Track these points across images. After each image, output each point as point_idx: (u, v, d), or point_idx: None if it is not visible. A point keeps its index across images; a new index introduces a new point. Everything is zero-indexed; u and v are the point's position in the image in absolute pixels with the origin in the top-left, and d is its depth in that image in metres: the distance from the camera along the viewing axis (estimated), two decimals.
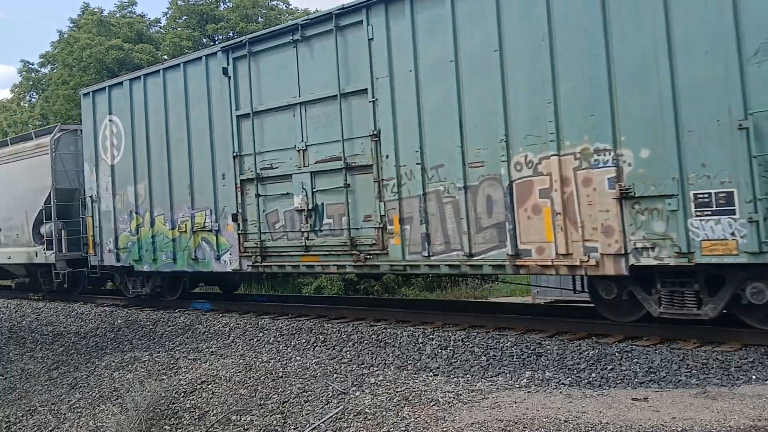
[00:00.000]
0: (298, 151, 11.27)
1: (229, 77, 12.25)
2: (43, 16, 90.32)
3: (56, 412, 10.39)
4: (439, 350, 9.14)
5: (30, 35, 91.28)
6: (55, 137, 16.89)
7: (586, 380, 7.67)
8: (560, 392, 7.31)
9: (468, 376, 8.36)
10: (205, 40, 32.21)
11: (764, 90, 7.04)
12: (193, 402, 9.13)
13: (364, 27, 10.35)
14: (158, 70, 13.75)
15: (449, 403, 7.27)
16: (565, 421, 6.14)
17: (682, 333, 8.31)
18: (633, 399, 6.72)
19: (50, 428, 10.01)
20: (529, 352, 8.53)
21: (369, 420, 7.26)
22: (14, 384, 12.07)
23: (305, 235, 11.15)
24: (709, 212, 7.34)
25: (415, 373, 8.66)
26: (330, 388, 8.36)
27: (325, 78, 10.89)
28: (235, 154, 12.23)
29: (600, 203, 8.06)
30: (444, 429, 6.54)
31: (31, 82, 38.38)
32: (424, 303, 14.15)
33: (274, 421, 7.99)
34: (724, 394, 6.66)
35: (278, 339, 10.93)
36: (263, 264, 11.88)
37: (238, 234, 12.20)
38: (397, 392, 7.82)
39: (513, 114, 8.79)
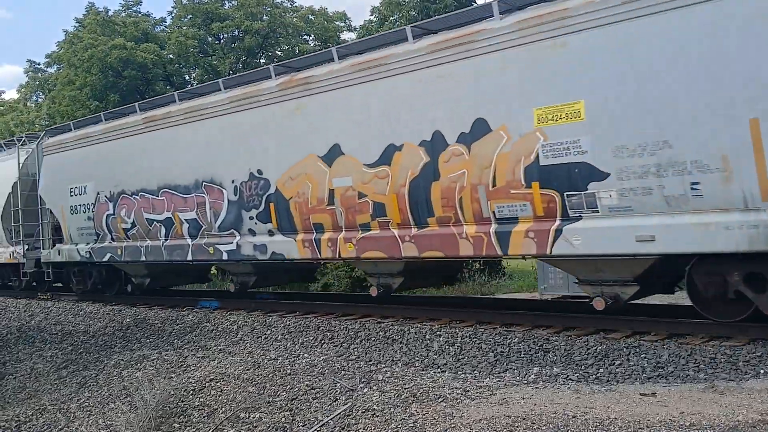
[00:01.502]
0: None
1: None
2: (50, 15, 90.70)
3: (66, 411, 10.45)
4: (447, 347, 9.15)
5: (38, 35, 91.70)
6: None
7: (593, 376, 7.67)
8: (568, 388, 7.32)
9: (476, 372, 8.37)
10: (210, 39, 32.29)
11: None
12: (201, 400, 9.18)
13: None
14: None
15: (457, 399, 7.29)
16: (573, 417, 6.15)
17: (689, 328, 8.29)
18: (641, 394, 6.72)
19: (60, 427, 10.07)
20: (537, 348, 8.53)
21: (377, 417, 7.28)
22: (24, 383, 12.14)
23: None
24: None
25: (423, 370, 8.67)
26: (338, 385, 8.39)
27: None
28: None
29: None
30: (452, 425, 6.56)
31: (37, 82, 38.55)
32: (431, 300, 14.17)
33: (283, 418, 8.02)
34: (733, 388, 6.66)
35: (286, 336, 10.96)
36: None
37: None
38: (405, 389, 7.84)
39: None
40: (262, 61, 30.80)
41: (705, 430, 5.56)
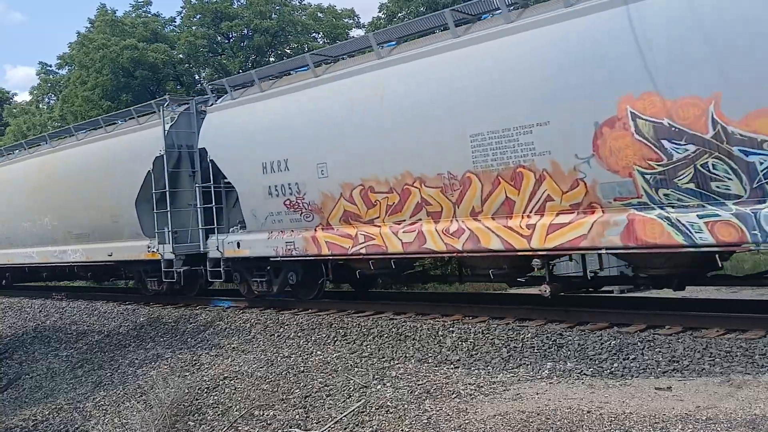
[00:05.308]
0: None
1: None
2: (64, 17, 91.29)
3: (82, 410, 10.51)
4: (460, 342, 9.13)
5: (51, 37, 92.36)
6: None
7: (608, 370, 7.64)
8: (582, 383, 7.29)
9: (489, 368, 8.35)
10: (219, 38, 32.34)
11: None
12: (216, 398, 9.21)
13: None
14: None
15: (471, 395, 7.28)
16: (588, 412, 6.12)
17: (704, 321, 8.23)
18: (656, 388, 6.69)
19: (76, 426, 10.14)
20: (550, 343, 8.50)
21: (391, 413, 7.28)
22: (40, 382, 12.23)
23: None
24: None
25: (436, 366, 8.66)
26: (351, 381, 8.39)
27: None
28: None
29: None
30: (466, 421, 6.55)
31: (49, 84, 38.75)
32: (443, 296, 14.15)
33: (297, 416, 8.03)
34: (749, 382, 6.60)
35: (299, 334, 10.98)
36: None
37: None
38: (419, 385, 7.83)
39: None
40: (272, 59, 30.81)
41: (722, 424, 5.52)
